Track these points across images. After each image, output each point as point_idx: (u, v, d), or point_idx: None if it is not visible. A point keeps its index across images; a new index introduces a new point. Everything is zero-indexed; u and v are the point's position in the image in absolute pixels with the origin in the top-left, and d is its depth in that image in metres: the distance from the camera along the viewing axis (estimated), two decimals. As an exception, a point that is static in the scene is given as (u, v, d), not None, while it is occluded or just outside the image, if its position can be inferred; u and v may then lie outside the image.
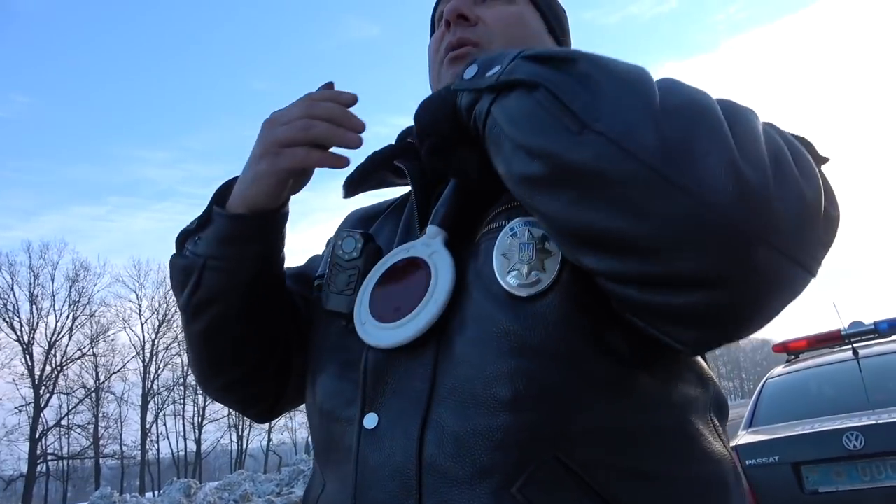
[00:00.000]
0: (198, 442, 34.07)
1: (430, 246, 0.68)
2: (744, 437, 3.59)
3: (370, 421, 0.65)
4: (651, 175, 0.49)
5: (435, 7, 0.91)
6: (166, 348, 32.85)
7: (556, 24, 0.87)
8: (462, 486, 0.59)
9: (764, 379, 4.30)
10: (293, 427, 38.02)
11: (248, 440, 35.80)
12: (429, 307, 0.64)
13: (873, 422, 3.11)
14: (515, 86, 0.59)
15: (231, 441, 35.76)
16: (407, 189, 0.85)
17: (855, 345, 3.83)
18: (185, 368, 33.40)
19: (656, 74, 0.59)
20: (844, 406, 3.49)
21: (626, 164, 0.50)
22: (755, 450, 3.36)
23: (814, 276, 0.54)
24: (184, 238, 0.80)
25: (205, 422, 34.40)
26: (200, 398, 34.16)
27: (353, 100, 0.73)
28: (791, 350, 4.41)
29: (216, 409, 34.79)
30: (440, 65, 0.82)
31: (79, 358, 29.81)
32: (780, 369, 4.34)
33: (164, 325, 32.53)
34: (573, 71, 0.57)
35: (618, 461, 0.59)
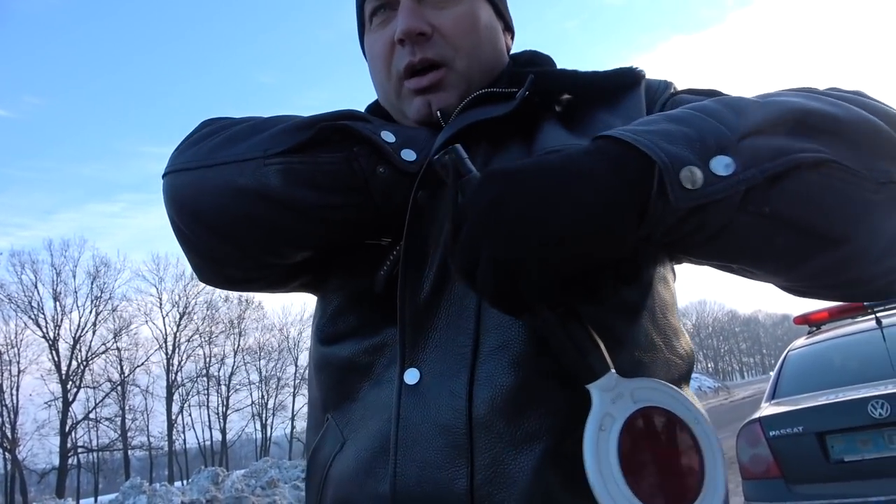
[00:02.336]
0: (223, 431, 34.60)
1: (637, 399, 0.52)
2: (767, 409, 3.58)
3: (411, 377, 0.62)
4: None
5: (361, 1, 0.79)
6: (188, 340, 33.31)
7: (502, 4, 0.82)
8: (515, 445, 0.58)
9: (786, 351, 4.27)
10: (315, 414, 38.37)
11: (272, 428, 36.30)
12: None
13: (899, 390, 3.09)
14: (786, 173, 0.50)
15: (255, 430, 36.29)
16: None
17: (878, 314, 3.79)
18: (208, 360, 33.90)
19: (666, 49, 0.58)
20: (869, 375, 3.46)
21: None
22: (779, 421, 3.36)
23: None
24: (366, 143, 0.65)
25: (229, 411, 34.93)
26: (224, 388, 34.63)
27: None
28: (812, 322, 4.38)
29: (240, 398, 35.31)
30: (398, 84, 0.75)
31: (103, 352, 30.33)
32: (801, 341, 4.31)
33: (185, 317, 32.95)
34: (820, 134, 0.52)
35: None
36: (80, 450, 29.15)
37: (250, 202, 0.66)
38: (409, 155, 0.66)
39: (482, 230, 0.49)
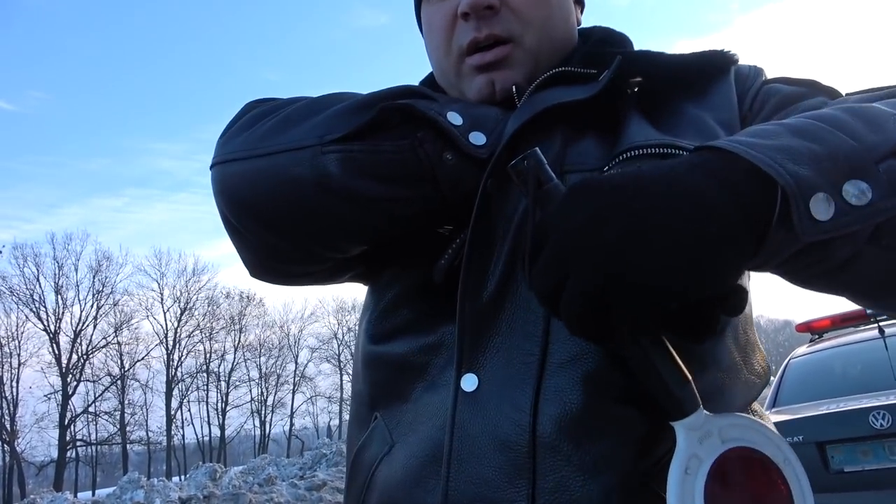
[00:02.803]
0: (222, 427, 34.63)
1: (726, 438, 0.48)
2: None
3: (469, 383, 0.57)
4: None
5: None
6: (188, 336, 33.34)
7: None
8: (584, 471, 0.53)
9: (787, 359, 4.25)
10: (314, 412, 38.52)
11: (270, 425, 36.32)
12: None
13: (901, 401, 3.07)
14: None
15: (254, 426, 36.31)
16: None
17: (881, 323, 3.76)
18: (208, 356, 33.94)
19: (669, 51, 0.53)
20: (870, 385, 3.45)
21: None
22: (780, 430, 3.31)
23: None
24: (431, 126, 0.60)
25: (228, 408, 34.96)
26: (223, 385, 34.68)
27: None
28: (815, 329, 4.36)
29: (239, 395, 35.38)
30: (458, 61, 0.70)
31: (104, 346, 30.39)
32: (803, 349, 4.29)
33: (186, 313, 32.97)
34: None
35: None
36: (78, 443, 29.23)
37: (308, 194, 0.61)
38: (478, 138, 0.61)
39: (572, 254, 0.42)
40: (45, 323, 28.70)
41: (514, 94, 0.68)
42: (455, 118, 0.61)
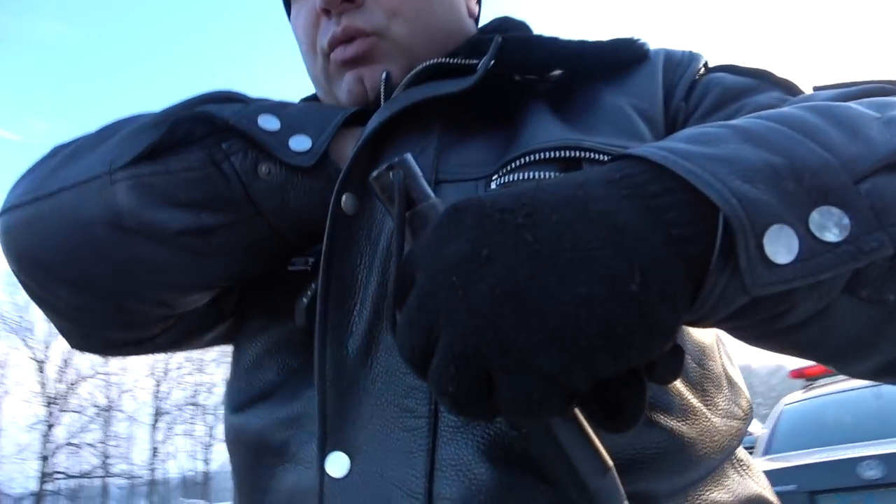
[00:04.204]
0: (206, 462, 33.98)
1: None
2: (760, 465, 3.53)
3: (336, 464, 0.44)
4: None
5: None
6: (178, 367, 32.96)
7: None
8: None
9: (780, 405, 4.25)
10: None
11: (257, 461, 35.64)
12: None
13: (892, 450, 3.07)
14: None
15: (240, 462, 35.61)
16: None
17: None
18: (198, 388, 33.49)
19: None
20: (862, 434, 3.44)
21: None
22: (772, 478, 3.22)
23: None
24: (239, 134, 0.49)
25: (214, 442, 34.34)
26: (210, 417, 34.13)
27: None
28: (808, 376, 4.37)
29: (226, 429, 34.69)
30: (325, 62, 0.61)
31: (92, 376, 29.99)
32: (797, 395, 4.29)
33: (176, 344, 32.67)
34: None
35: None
36: (59, 476, 28.57)
37: (102, 236, 0.50)
38: (300, 143, 0.49)
39: (442, 304, 0.30)
40: (33, 352, 28.40)
41: (382, 91, 0.58)
42: (269, 122, 0.50)
